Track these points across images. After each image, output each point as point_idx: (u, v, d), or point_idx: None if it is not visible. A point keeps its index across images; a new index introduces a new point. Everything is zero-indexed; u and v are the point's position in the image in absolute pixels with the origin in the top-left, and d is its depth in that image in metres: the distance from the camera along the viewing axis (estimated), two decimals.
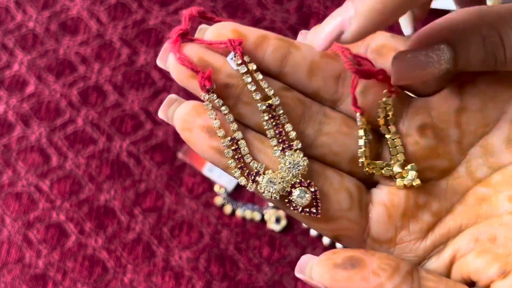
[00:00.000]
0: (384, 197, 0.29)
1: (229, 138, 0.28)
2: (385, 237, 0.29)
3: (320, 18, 0.58)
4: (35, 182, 0.54)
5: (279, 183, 0.28)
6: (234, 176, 0.28)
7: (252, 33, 0.28)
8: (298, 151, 0.28)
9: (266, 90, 0.28)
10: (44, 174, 0.54)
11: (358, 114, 0.29)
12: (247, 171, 0.28)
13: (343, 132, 0.29)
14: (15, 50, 0.58)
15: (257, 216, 0.53)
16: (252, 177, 0.28)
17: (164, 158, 0.54)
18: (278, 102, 0.28)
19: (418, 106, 0.29)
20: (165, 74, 0.57)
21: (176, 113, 0.28)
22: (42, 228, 0.52)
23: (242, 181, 0.28)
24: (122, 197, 0.53)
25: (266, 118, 0.28)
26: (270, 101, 0.28)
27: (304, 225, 0.52)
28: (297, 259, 0.51)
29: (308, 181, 0.28)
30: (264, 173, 0.28)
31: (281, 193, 0.28)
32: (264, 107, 0.28)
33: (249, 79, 0.28)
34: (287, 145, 0.28)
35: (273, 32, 0.29)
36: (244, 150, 0.28)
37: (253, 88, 0.28)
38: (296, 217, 0.29)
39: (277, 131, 0.28)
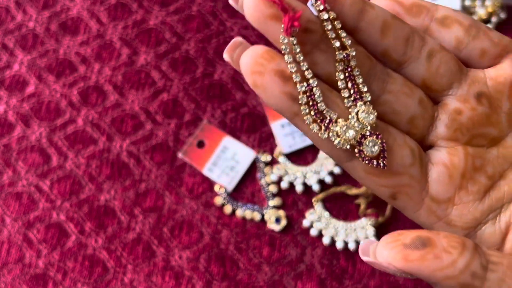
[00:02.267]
0: (444, 157, 0.30)
1: (305, 84, 0.27)
2: (444, 197, 0.29)
3: None
4: (35, 182, 0.54)
5: (353, 132, 0.28)
6: (306, 123, 0.28)
7: None
8: (368, 103, 0.28)
9: (344, 40, 0.28)
10: (44, 174, 0.54)
11: None
12: (320, 118, 0.28)
13: (405, 93, 0.29)
14: (15, 50, 0.58)
15: (257, 216, 0.53)
16: (325, 125, 0.28)
17: (164, 158, 0.54)
18: (354, 53, 0.28)
19: (475, 76, 0.30)
20: (165, 74, 0.57)
21: (244, 55, 0.27)
22: (42, 228, 0.52)
23: (315, 128, 0.28)
24: (122, 197, 0.53)
25: (341, 68, 0.28)
26: (347, 51, 0.28)
27: (304, 224, 0.52)
28: (297, 259, 0.51)
29: (377, 132, 0.28)
30: (335, 122, 0.28)
31: (352, 142, 0.28)
32: (341, 56, 0.28)
33: (329, 26, 0.28)
34: (358, 97, 0.28)
35: None
36: (318, 97, 0.28)
37: (333, 35, 0.28)
38: (357, 173, 0.29)
39: (349, 82, 0.28)
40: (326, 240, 0.52)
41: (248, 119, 0.56)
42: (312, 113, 0.28)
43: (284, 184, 0.53)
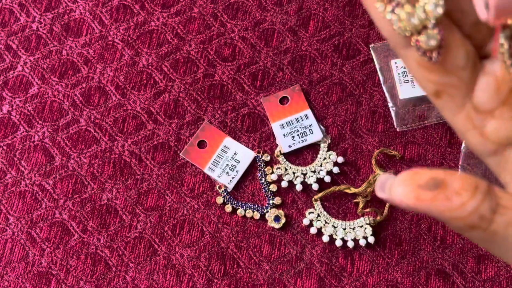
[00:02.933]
0: (497, 69, 0.29)
1: None
2: (486, 107, 0.29)
3: (319, 19, 0.58)
4: (38, 181, 0.54)
5: (415, 20, 0.27)
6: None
7: None
8: None
9: None
10: (47, 173, 0.54)
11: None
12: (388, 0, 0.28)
13: None
14: (18, 51, 0.58)
15: (257, 215, 0.53)
16: (393, 6, 0.27)
17: (165, 157, 0.55)
18: None
19: None
20: (166, 75, 0.57)
21: None
22: (45, 227, 0.53)
23: (380, 7, 0.27)
24: (124, 196, 0.54)
25: None
26: None
27: (304, 222, 0.52)
28: (296, 257, 0.52)
29: (440, 26, 0.28)
30: (403, 6, 0.28)
31: (414, 30, 0.28)
32: None
33: None
34: None
35: (273, 34, 0.29)
36: None
37: None
38: (409, 62, 0.29)
39: None
40: (325, 239, 0.52)
41: (248, 119, 0.56)
42: None
43: (284, 183, 0.54)
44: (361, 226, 0.52)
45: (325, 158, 0.55)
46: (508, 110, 0.30)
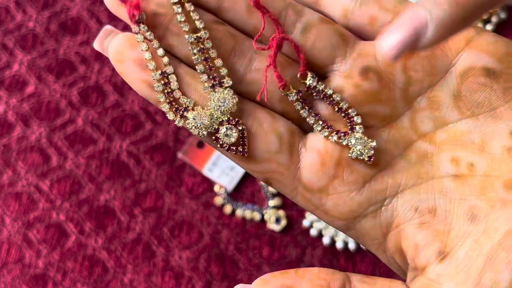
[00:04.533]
0: (318, 143, 0.28)
1: (159, 72, 0.27)
2: (317, 186, 0.28)
3: None
4: (35, 182, 0.54)
5: (207, 119, 0.27)
6: (163, 110, 0.28)
7: None
8: (228, 88, 0.28)
9: (196, 22, 0.27)
10: (44, 174, 0.54)
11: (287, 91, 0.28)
12: (176, 106, 0.27)
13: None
14: (15, 50, 0.58)
15: (257, 216, 0.53)
16: (181, 113, 0.27)
17: (164, 158, 0.54)
18: (207, 35, 0.27)
19: (363, 48, 0.28)
20: None
21: (110, 45, 0.28)
22: (42, 228, 0.52)
23: (171, 115, 0.27)
24: (122, 197, 0.53)
25: (195, 51, 0.27)
26: (199, 34, 0.27)
27: (304, 224, 0.52)
28: (297, 259, 0.51)
29: (237, 119, 0.27)
30: (193, 109, 0.27)
31: (209, 130, 0.27)
32: (192, 39, 0.27)
33: (180, 9, 0.27)
34: (217, 82, 0.28)
35: None
36: (174, 85, 0.27)
37: (182, 19, 0.27)
38: (226, 156, 0.28)
39: (206, 66, 0.28)
40: (326, 240, 0.52)
41: None
42: (168, 101, 0.27)
43: None
44: None
45: None
46: (340, 183, 0.28)
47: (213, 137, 0.28)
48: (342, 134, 0.28)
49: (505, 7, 0.58)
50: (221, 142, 0.28)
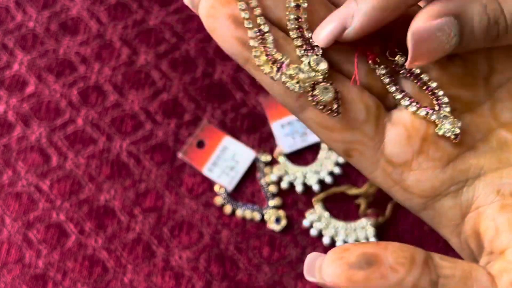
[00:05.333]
0: (405, 118, 0.28)
1: (256, 29, 0.27)
2: (400, 160, 0.28)
3: None
4: (35, 182, 0.54)
5: (305, 75, 0.27)
6: (257, 65, 0.27)
7: None
8: (320, 55, 0.28)
9: None
10: (44, 174, 0.54)
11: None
12: (272, 60, 0.27)
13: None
14: (15, 50, 0.58)
15: (257, 216, 0.53)
16: (277, 67, 0.27)
17: (164, 158, 0.54)
18: (306, 5, 0.28)
19: None
20: (165, 74, 0.57)
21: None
22: (42, 228, 0.52)
23: (267, 68, 0.27)
24: (122, 197, 0.53)
25: (291, 17, 0.28)
26: (299, 2, 0.28)
27: (304, 224, 0.52)
28: (297, 259, 0.51)
29: (331, 81, 0.28)
30: (288, 66, 0.27)
31: (306, 86, 0.27)
32: (292, 5, 0.28)
33: None
34: (310, 48, 0.28)
35: None
36: (269, 42, 0.27)
37: None
38: (311, 125, 0.28)
39: (299, 34, 0.28)
40: (326, 240, 0.52)
41: (248, 119, 0.56)
42: (264, 55, 0.27)
43: (284, 184, 0.53)
44: (363, 228, 0.52)
45: (326, 158, 0.54)
46: (425, 159, 0.28)
47: (309, 95, 0.27)
48: (430, 111, 0.28)
49: None
50: (317, 100, 0.27)
